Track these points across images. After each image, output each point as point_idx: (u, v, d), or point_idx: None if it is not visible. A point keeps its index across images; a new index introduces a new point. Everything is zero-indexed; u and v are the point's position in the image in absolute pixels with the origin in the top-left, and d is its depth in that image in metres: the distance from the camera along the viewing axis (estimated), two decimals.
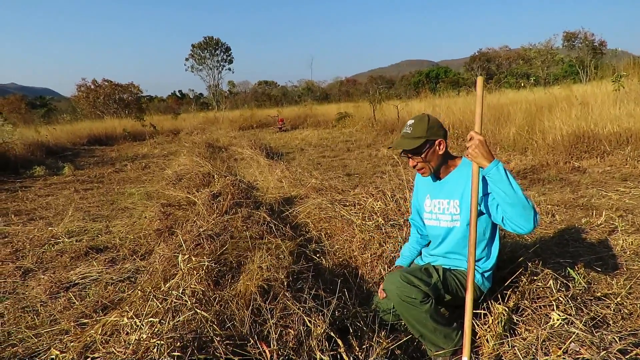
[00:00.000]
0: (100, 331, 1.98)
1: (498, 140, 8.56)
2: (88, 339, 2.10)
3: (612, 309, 2.26)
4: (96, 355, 1.83)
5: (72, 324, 2.60)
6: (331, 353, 1.73)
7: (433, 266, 2.17)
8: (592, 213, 4.12)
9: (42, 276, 3.47)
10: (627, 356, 1.61)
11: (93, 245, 4.14)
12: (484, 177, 1.91)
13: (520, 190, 1.80)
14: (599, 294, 2.45)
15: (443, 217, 2.19)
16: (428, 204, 2.28)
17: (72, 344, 2.23)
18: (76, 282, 3.35)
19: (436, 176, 2.25)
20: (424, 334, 2.03)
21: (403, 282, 1.94)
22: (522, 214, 1.81)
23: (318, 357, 1.67)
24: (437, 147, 2.13)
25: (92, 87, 31.01)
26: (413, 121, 2.15)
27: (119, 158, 11.91)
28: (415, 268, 2.16)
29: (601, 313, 2.19)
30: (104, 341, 1.92)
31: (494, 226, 2.12)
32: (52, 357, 2.14)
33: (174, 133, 19.57)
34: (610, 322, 2.14)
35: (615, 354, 1.62)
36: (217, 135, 15.10)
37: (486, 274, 2.15)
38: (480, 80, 1.86)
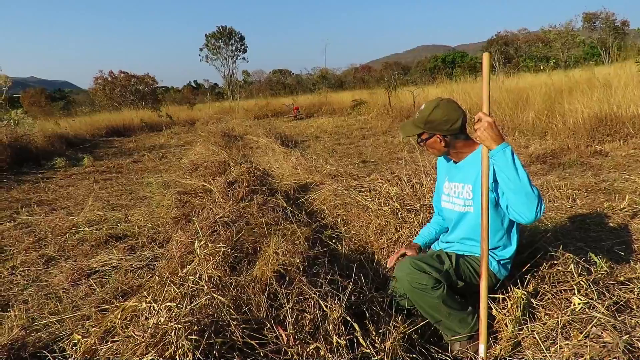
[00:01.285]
0: (120, 316, 2.01)
1: (517, 124, 8.40)
2: (109, 324, 2.14)
3: (635, 293, 2.20)
4: (116, 339, 1.86)
5: (94, 309, 2.66)
6: (347, 337, 1.73)
7: (446, 253, 2.14)
8: (615, 197, 4.02)
9: (64, 264, 3.55)
10: None
11: (113, 233, 4.21)
12: None
13: (526, 178, 1.73)
14: (622, 279, 2.38)
15: (457, 201, 2.16)
16: (446, 186, 2.26)
17: (93, 329, 2.28)
18: (97, 269, 3.42)
19: (451, 159, 2.21)
20: (439, 320, 2.01)
21: (413, 269, 1.92)
22: (524, 203, 1.74)
23: (334, 341, 1.67)
24: (437, 140, 2.08)
25: (109, 78, 31.32)
26: (423, 107, 2.10)
27: (136, 149, 12.06)
28: (427, 254, 2.14)
29: (624, 297, 2.13)
30: (123, 326, 1.95)
31: None
32: (74, 341, 2.19)
33: (190, 123, 19.73)
34: (634, 307, 2.08)
35: (639, 338, 1.58)
36: (233, 124, 15.15)
37: (503, 262, 2.11)
38: (486, 58, 1.76)
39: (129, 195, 6.13)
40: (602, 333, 1.64)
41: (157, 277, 2.28)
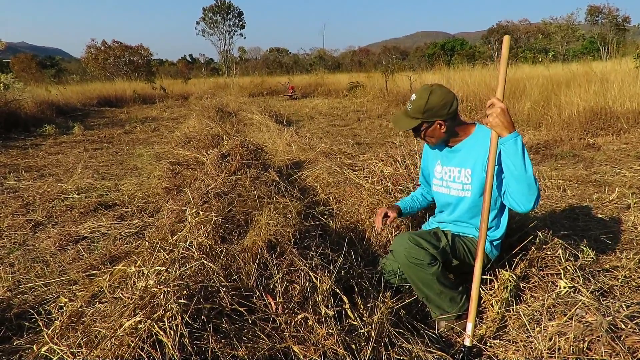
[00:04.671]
0: (108, 280, 2.00)
1: (512, 114, 8.42)
2: (96, 288, 2.13)
3: (619, 280, 2.24)
4: (104, 301, 1.86)
5: (81, 274, 2.65)
6: (336, 309, 1.74)
7: (442, 231, 2.15)
8: (605, 189, 4.06)
9: (52, 229, 3.52)
10: (634, 322, 1.60)
11: (102, 201, 4.18)
12: None
13: (531, 169, 1.74)
14: (607, 266, 2.43)
15: (454, 186, 2.15)
16: (439, 170, 2.24)
17: (80, 293, 2.27)
18: (85, 236, 3.40)
19: (446, 144, 2.18)
20: (429, 297, 2.03)
21: (411, 244, 1.92)
22: (525, 193, 1.76)
23: (323, 312, 1.68)
24: (437, 127, 2.02)
25: (102, 48, 30.74)
26: (414, 97, 2.02)
27: (128, 120, 11.89)
28: (424, 231, 2.14)
29: (608, 284, 2.17)
30: (111, 291, 1.94)
31: None
32: (60, 304, 2.18)
33: (183, 97, 19.48)
34: (617, 293, 2.12)
35: (622, 319, 1.61)
36: (227, 100, 14.98)
37: (495, 243, 2.13)
38: (506, 40, 1.72)
39: (119, 165, 6.07)
40: (586, 314, 1.67)
41: (146, 243, 2.27)
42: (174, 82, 26.44)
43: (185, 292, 1.59)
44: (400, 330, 1.82)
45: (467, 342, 1.79)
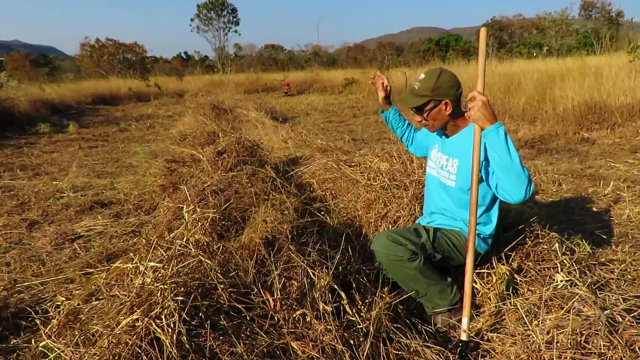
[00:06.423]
0: (104, 277, 2.00)
1: (507, 109, 8.44)
2: (92, 287, 2.12)
3: (616, 274, 2.26)
4: (100, 298, 1.85)
5: (77, 273, 2.64)
6: (334, 305, 1.74)
7: (423, 227, 2.15)
8: (600, 183, 4.09)
9: (48, 228, 3.51)
10: (632, 314, 1.61)
11: (98, 200, 4.16)
12: None
13: (518, 158, 1.72)
14: (603, 260, 2.45)
15: (442, 172, 2.17)
16: (434, 153, 2.27)
17: (77, 291, 2.26)
18: (81, 234, 3.39)
19: (443, 133, 2.20)
20: (419, 292, 2.04)
21: (390, 242, 1.94)
22: (514, 183, 1.74)
23: (321, 308, 1.68)
24: (443, 107, 2.02)
25: (96, 46, 30.54)
26: (423, 76, 2.04)
27: (123, 118, 11.84)
28: (403, 229, 2.16)
29: (605, 277, 2.18)
30: (108, 289, 1.94)
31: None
32: (57, 303, 2.17)
33: (178, 94, 19.40)
34: (614, 287, 2.13)
35: (619, 312, 1.62)
36: (222, 97, 14.92)
37: (482, 236, 2.12)
38: (483, 32, 1.68)
39: (114, 163, 6.05)
40: (583, 307, 1.68)
41: (143, 241, 2.26)
42: (169, 79, 26.32)
43: (182, 289, 1.58)
44: (398, 325, 1.82)
45: (464, 337, 1.80)
